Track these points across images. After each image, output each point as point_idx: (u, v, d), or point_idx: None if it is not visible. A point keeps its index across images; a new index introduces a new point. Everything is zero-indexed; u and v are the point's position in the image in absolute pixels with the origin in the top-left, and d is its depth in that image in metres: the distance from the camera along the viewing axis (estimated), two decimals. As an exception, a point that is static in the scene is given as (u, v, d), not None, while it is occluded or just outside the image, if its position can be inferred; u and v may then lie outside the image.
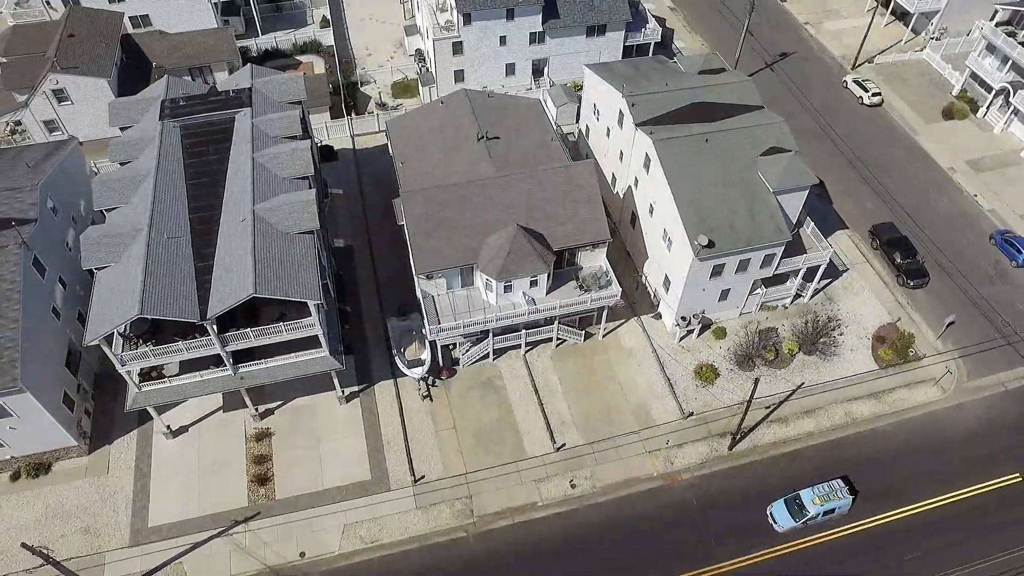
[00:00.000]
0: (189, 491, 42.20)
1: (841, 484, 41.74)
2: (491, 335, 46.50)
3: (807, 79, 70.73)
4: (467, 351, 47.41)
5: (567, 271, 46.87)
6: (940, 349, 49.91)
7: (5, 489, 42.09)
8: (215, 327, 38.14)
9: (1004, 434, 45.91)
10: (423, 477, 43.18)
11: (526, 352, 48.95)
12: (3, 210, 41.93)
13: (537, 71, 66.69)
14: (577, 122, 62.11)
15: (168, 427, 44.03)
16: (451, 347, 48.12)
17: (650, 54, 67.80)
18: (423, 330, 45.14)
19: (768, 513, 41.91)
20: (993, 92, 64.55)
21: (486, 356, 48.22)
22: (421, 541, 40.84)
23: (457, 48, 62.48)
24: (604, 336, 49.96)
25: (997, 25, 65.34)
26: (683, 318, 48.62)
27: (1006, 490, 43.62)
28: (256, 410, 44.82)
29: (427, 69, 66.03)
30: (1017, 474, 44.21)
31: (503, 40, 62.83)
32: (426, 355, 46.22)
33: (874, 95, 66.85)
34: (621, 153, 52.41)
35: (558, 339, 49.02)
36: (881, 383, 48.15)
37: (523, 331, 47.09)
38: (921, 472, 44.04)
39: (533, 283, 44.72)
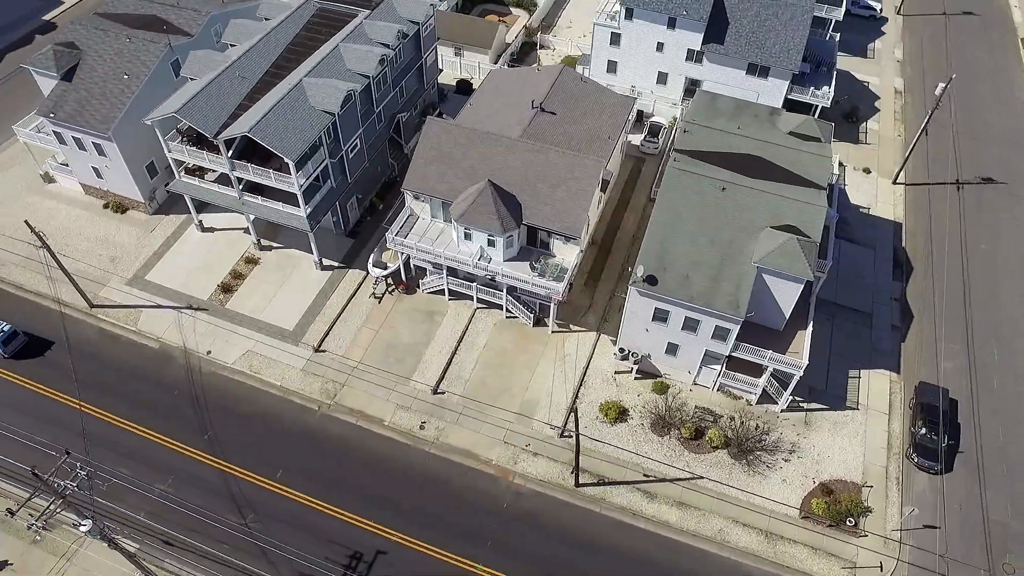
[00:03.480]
0: (183, 271, 53.03)
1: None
2: (445, 271, 49.60)
3: (991, 212, 58.17)
4: (428, 278, 51.13)
5: (538, 251, 47.77)
6: (889, 539, 40.76)
7: (97, 212, 57.03)
8: (230, 151, 47.40)
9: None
10: (325, 351, 48.69)
11: (478, 307, 51.00)
12: (179, 23, 55.60)
13: (690, 90, 64.81)
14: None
15: (200, 222, 55.32)
16: (425, 271, 52.09)
17: (815, 115, 61.50)
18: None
19: None
20: None
21: (442, 292, 51.40)
22: (284, 393, 46.74)
23: (615, 39, 63.67)
24: (553, 331, 49.75)
25: None
26: (621, 350, 46.41)
27: None
28: (258, 241, 54.06)
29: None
30: None
31: (660, 47, 62.35)
32: (393, 265, 51.07)
33: (1057, 259, 53.12)
34: (668, 178, 50.43)
35: (508, 312, 50.16)
36: (785, 528, 41.19)
37: (474, 284, 49.36)
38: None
39: (491, 242, 46.62)
